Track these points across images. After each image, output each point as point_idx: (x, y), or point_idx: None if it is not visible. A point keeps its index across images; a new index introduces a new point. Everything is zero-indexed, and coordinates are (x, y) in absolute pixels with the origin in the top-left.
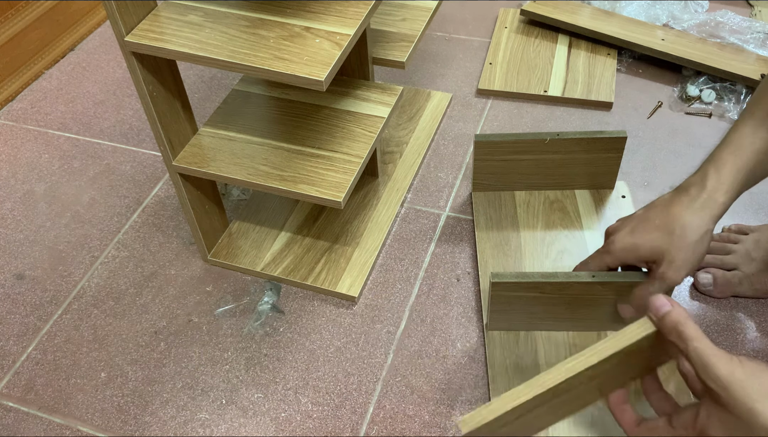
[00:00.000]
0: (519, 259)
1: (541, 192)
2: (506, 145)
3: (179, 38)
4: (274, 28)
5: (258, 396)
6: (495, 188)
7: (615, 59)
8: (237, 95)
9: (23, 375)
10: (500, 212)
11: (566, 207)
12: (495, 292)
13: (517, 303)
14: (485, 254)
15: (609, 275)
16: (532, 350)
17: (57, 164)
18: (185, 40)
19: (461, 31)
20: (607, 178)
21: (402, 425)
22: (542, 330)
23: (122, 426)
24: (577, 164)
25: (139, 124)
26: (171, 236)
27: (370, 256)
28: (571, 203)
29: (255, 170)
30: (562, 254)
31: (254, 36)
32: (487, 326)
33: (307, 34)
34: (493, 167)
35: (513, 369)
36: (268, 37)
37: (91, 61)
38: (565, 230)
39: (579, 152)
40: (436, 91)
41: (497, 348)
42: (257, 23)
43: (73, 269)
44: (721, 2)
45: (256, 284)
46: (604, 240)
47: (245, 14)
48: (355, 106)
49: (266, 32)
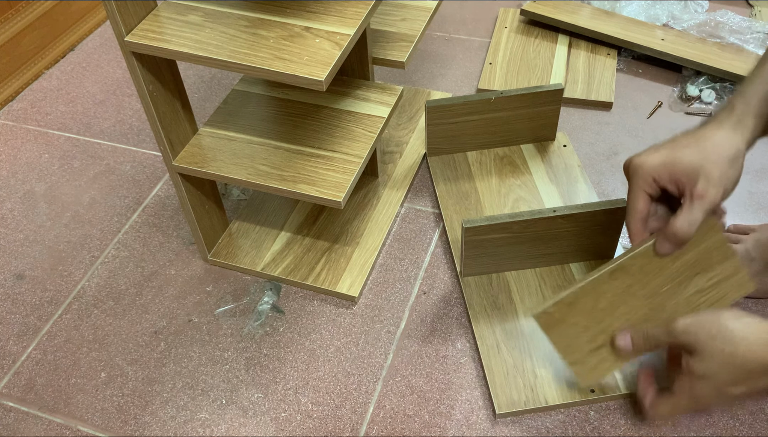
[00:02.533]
0: (480, 211)
1: (490, 150)
2: (456, 107)
3: (179, 38)
4: (274, 28)
5: (258, 396)
6: (448, 151)
7: (615, 59)
8: (237, 95)
9: (23, 375)
10: (456, 172)
11: (515, 161)
12: (468, 238)
13: (488, 246)
14: (448, 210)
15: (569, 208)
16: (505, 289)
17: (57, 164)
18: (185, 40)
19: (461, 31)
20: (549, 130)
21: (402, 425)
22: (512, 269)
23: (122, 426)
24: (521, 120)
25: (139, 124)
26: (171, 236)
27: (370, 256)
28: (519, 156)
29: (255, 170)
30: (518, 202)
31: (254, 36)
32: (461, 273)
33: (307, 34)
34: (445, 130)
35: (491, 307)
36: (268, 37)
37: (91, 61)
38: (518, 180)
39: (522, 107)
40: (436, 91)
41: (474, 292)
42: (257, 23)
43: (73, 269)
44: (721, 2)
45: (256, 284)
46: (627, 173)
47: (245, 14)
48: (355, 107)
49: (266, 32)
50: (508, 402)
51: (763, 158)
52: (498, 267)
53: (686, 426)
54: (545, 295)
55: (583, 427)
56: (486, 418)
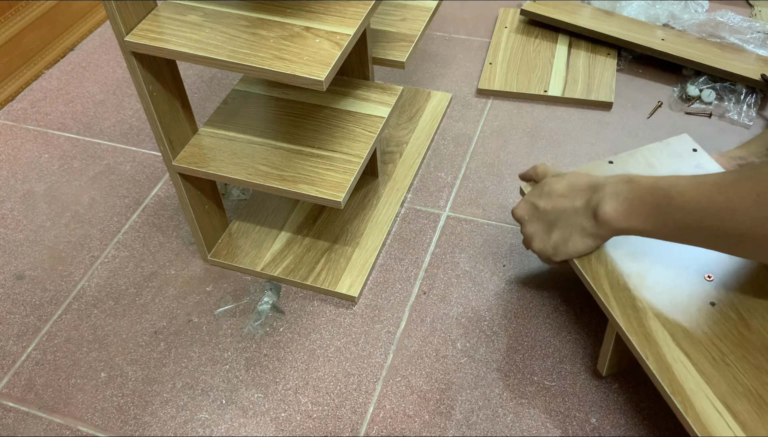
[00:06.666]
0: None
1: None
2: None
3: (179, 38)
4: (274, 28)
5: (258, 396)
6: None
7: (615, 59)
8: (237, 95)
9: (23, 375)
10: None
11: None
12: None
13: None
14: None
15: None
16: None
17: (57, 164)
18: (185, 40)
19: (461, 31)
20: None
21: (402, 425)
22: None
23: (122, 426)
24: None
25: (139, 124)
26: (171, 236)
27: (370, 256)
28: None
29: (255, 170)
30: None
31: (254, 36)
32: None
33: (307, 34)
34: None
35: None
36: (268, 37)
37: (91, 61)
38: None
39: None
40: (436, 91)
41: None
42: (257, 23)
43: (73, 269)
44: (721, 2)
45: (256, 284)
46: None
47: (245, 14)
48: (355, 106)
49: (266, 32)
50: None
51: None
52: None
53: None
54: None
55: (583, 427)
56: (486, 418)
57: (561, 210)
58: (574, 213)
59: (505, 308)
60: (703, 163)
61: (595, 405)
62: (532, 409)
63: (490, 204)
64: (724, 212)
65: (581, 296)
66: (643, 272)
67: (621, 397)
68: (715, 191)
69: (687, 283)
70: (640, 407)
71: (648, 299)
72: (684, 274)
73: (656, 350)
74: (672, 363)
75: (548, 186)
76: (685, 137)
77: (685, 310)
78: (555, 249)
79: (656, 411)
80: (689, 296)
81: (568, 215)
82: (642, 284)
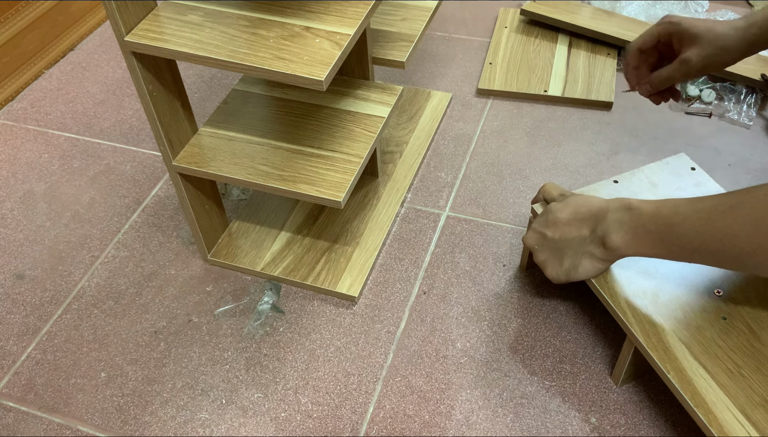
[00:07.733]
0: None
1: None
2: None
3: (179, 38)
4: (274, 28)
5: (258, 396)
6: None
7: (615, 59)
8: (237, 95)
9: (23, 375)
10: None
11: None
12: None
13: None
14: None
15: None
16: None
17: (57, 164)
18: (185, 40)
19: (461, 31)
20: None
21: (402, 425)
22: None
23: (122, 426)
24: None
25: (139, 124)
26: (171, 236)
27: (370, 256)
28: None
29: (255, 170)
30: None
31: (254, 36)
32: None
33: (307, 34)
34: None
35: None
36: (268, 37)
37: (91, 61)
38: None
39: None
40: (436, 91)
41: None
42: (257, 23)
43: (73, 269)
44: (721, 2)
45: (256, 284)
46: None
47: (245, 14)
48: (355, 106)
49: (266, 32)
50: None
51: (762, 158)
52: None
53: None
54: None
55: (583, 427)
56: (486, 418)
57: (569, 240)
58: (582, 242)
59: (505, 308)
60: (702, 181)
61: (595, 405)
62: (532, 409)
63: (490, 204)
64: (725, 238)
65: (581, 297)
66: (657, 289)
67: (621, 397)
68: (714, 218)
69: (698, 299)
70: (640, 407)
71: (664, 315)
72: (695, 290)
73: (676, 364)
74: (692, 377)
75: (552, 214)
76: (683, 156)
77: (700, 325)
78: (567, 275)
79: (656, 411)
80: (702, 311)
81: (577, 244)
82: (657, 300)
